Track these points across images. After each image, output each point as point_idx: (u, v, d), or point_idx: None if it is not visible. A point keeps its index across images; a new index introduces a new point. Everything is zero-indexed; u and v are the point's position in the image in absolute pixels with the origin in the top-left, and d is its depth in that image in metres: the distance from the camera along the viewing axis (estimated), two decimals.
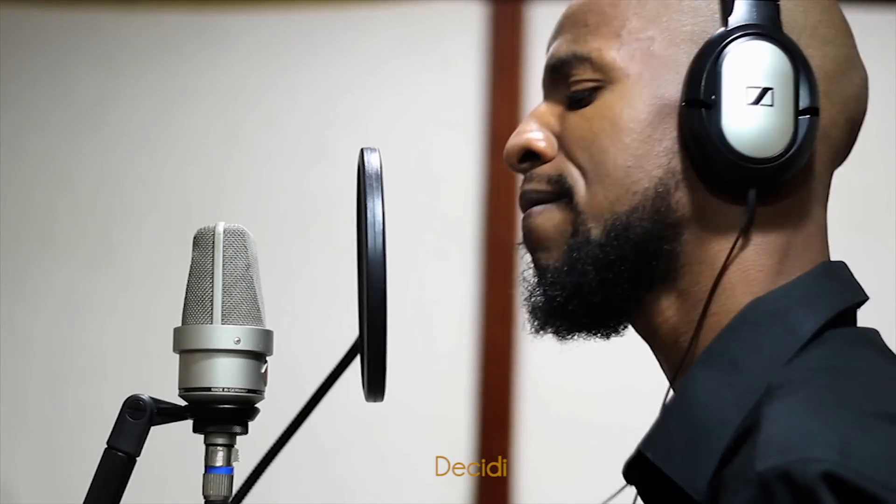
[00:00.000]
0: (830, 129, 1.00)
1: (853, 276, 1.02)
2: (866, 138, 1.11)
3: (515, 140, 1.05)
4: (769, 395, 0.90)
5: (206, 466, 1.00)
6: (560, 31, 1.05)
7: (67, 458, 2.91)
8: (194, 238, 1.03)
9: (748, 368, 0.94)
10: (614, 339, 1.07)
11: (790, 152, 0.95)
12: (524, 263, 1.06)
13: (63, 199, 3.03)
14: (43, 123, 3.05)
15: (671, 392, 1.03)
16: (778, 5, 0.97)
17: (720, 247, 0.98)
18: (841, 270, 1.02)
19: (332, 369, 1.12)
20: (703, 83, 0.96)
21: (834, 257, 1.04)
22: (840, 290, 0.99)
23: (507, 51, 2.95)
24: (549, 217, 1.03)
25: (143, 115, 3.04)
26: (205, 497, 1.00)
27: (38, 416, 2.98)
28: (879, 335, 1.00)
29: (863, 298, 1.01)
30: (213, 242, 1.01)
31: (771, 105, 0.95)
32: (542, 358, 2.89)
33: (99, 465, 0.98)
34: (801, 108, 0.96)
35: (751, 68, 0.95)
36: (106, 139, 3.04)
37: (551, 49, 1.05)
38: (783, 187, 0.98)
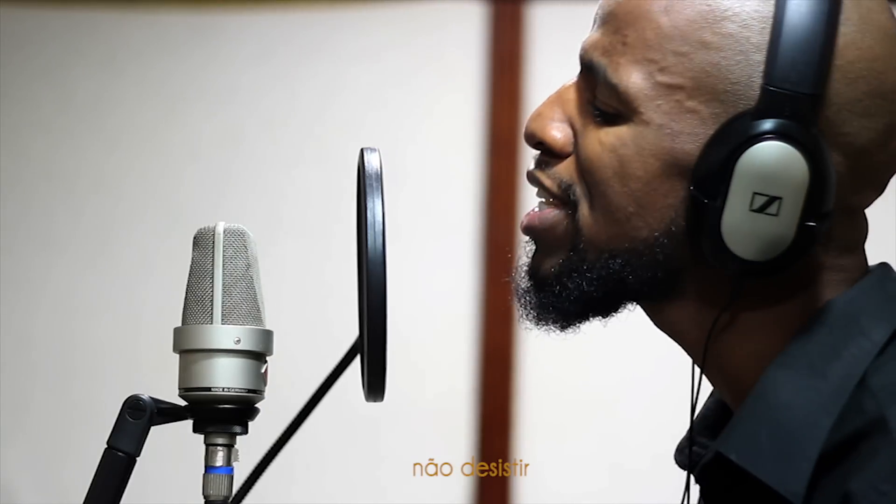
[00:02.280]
0: (852, 198, 0.98)
1: None
2: None
3: (535, 125, 1.03)
4: (873, 397, 0.91)
5: (206, 466, 1.00)
6: (601, 23, 1.02)
7: (67, 458, 2.91)
8: (194, 238, 1.02)
9: (829, 372, 0.94)
10: (614, 340, 1.07)
11: (785, 258, 0.94)
12: (523, 254, 1.05)
13: (63, 198, 3.03)
14: (43, 123, 3.05)
15: (697, 384, 1.03)
16: (819, 97, 0.93)
17: (717, 296, 0.98)
18: (892, 273, 1.02)
19: (332, 369, 1.12)
20: (712, 176, 0.94)
21: None
22: None
23: (507, 51, 2.95)
24: (553, 221, 1.02)
25: (142, 114, 3.04)
26: (205, 497, 1.00)
27: (38, 416, 2.98)
28: None
29: None
30: (213, 242, 1.01)
31: (775, 215, 0.93)
32: (542, 358, 2.89)
33: (99, 465, 0.98)
34: (808, 216, 0.93)
35: (764, 175, 0.92)
36: (105, 139, 3.04)
37: (587, 41, 1.02)
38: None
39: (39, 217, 3.04)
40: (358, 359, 1.02)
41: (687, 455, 1.04)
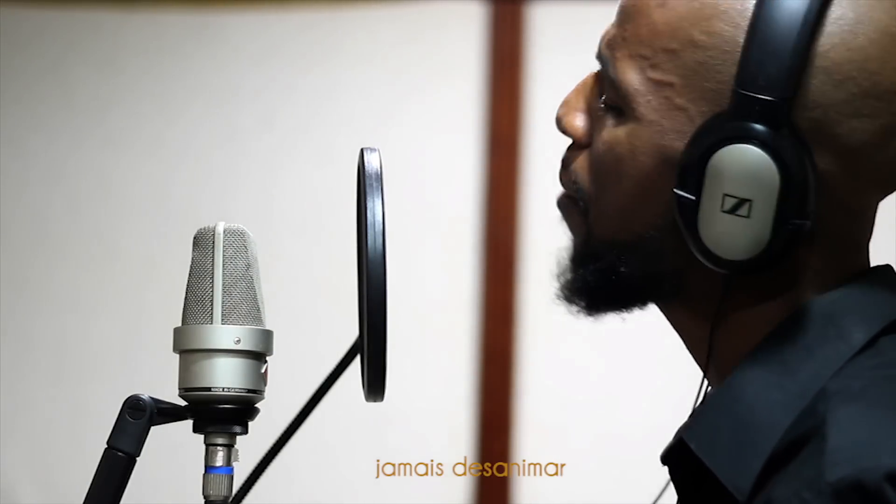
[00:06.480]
0: (851, 199, 0.97)
1: None
2: None
3: (561, 113, 1.05)
4: (826, 401, 0.91)
5: (206, 466, 1.00)
6: (616, 17, 1.03)
7: (67, 458, 2.91)
8: (194, 238, 1.03)
9: (799, 372, 0.94)
10: (613, 341, 1.08)
11: (765, 258, 0.93)
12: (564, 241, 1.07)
13: (63, 198, 3.03)
14: (43, 123, 3.05)
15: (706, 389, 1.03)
16: (790, 100, 0.92)
17: (715, 294, 0.98)
18: (891, 276, 1.01)
19: (332, 369, 1.12)
20: (691, 174, 0.94)
21: None
22: (893, 296, 0.98)
23: (507, 51, 2.95)
24: (571, 216, 1.05)
25: (142, 115, 3.04)
26: (205, 497, 1.00)
27: (38, 416, 2.98)
28: None
29: None
30: (213, 242, 1.01)
31: (746, 217, 0.92)
32: (542, 358, 2.89)
33: (99, 465, 0.98)
34: (783, 220, 0.92)
35: (732, 177, 0.92)
36: (105, 139, 3.04)
37: (603, 34, 1.03)
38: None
39: (39, 217, 3.03)
40: (358, 359, 1.02)
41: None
